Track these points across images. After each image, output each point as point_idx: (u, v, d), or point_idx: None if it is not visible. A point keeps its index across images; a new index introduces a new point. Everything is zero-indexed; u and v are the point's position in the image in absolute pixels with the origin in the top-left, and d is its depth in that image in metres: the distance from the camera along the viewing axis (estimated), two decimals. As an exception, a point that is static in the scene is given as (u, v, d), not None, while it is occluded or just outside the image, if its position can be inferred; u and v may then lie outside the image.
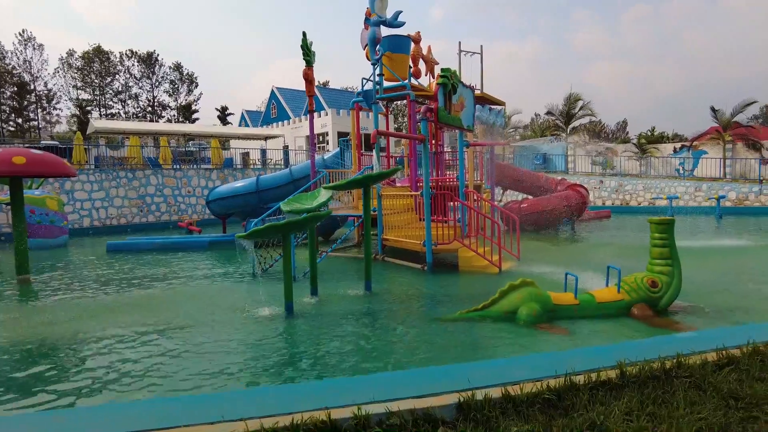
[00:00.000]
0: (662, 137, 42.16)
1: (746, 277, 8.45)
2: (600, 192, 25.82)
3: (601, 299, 6.02)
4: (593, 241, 13.73)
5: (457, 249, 9.24)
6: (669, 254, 6.04)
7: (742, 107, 26.76)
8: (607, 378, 3.08)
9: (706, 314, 5.98)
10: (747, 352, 3.54)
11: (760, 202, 21.58)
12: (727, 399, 2.91)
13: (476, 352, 5.06)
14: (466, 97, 9.96)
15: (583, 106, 33.25)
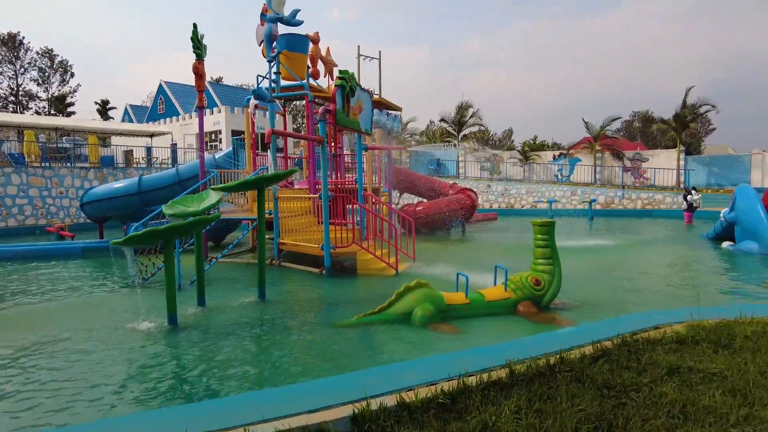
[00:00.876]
0: (543, 145, 45.94)
1: (615, 272, 9.39)
2: (488, 196, 27.42)
3: (490, 298, 6.29)
4: (482, 241, 14.49)
5: (356, 252, 9.20)
6: (550, 254, 6.48)
7: (608, 121, 30.00)
8: (497, 378, 3.17)
9: (583, 309, 6.49)
10: (617, 344, 3.86)
11: (623, 205, 24.29)
12: (601, 389, 3.12)
13: (373, 357, 5.01)
14: (365, 100, 9.98)
15: (473, 114, 35.12)
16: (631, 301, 6.96)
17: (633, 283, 8.39)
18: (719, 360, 3.52)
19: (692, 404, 2.87)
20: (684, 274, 9.32)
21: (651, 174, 28.47)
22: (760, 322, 4.32)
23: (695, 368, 3.37)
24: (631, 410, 2.84)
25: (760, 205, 10.61)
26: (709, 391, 3.03)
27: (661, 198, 23.65)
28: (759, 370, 3.35)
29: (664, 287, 8.02)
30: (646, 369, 3.38)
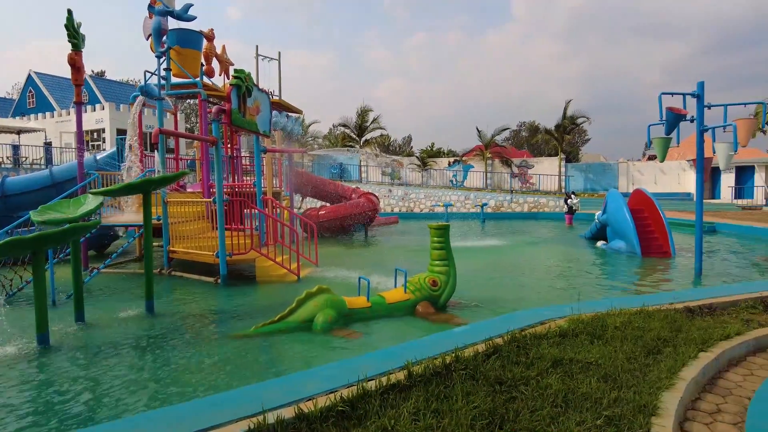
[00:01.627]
0: (439, 152, 47.92)
1: (505, 271, 10.00)
2: (389, 200, 27.99)
3: (390, 300, 6.38)
4: (384, 245, 14.72)
5: (255, 259, 8.87)
6: (446, 256, 6.73)
7: (498, 131, 32.15)
8: (396, 380, 3.19)
9: (477, 307, 6.81)
10: (507, 340, 4.08)
11: (512, 208, 26.06)
12: (494, 384, 3.27)
13: (273, 368, 4.83)
14: (262, 101, 9.68)
15: (374, 119, 35.69)
16: (520, 298, 7.43)
17: (522, 280, 8.99)
18: (594, 350, 3.85)
19: (572, 392, 3.11)
20: (566, 271, 10.17)
21: (536, 180, 30.90)
22: (626, 313, 4.81)
23: (575, 359, 3.65)
24: (520, 403, 3.00)
25: (626, 208, 11.93)
26: (586, 379, 3.30)
27: (545, 202, 25.73)
28: (626, 356, 3.72)
29: (549, 284, 8.69)
30: (534, 363, 3.60)
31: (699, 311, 5.00)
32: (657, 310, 4.90)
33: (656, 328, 4.33)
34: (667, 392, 3.11)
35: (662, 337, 4.13)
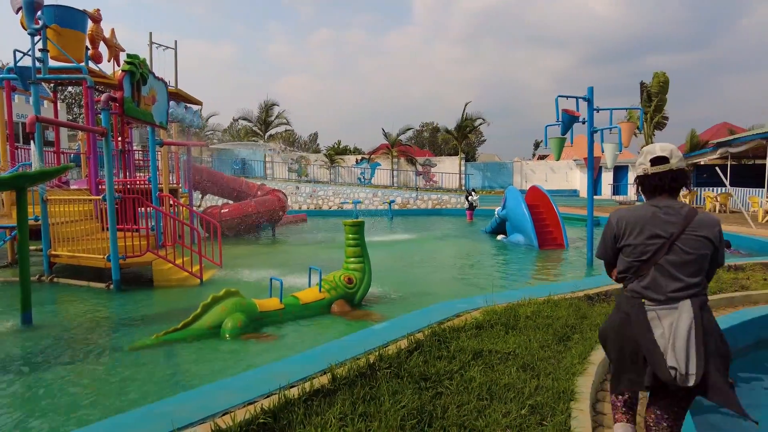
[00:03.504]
0: (347, 150, 47.85)
1: (416, 265, 10.16)
2: (296, 197, 27.41)
3: (305, 300, 6.16)
4: (294, 243, 14.34)
5: (152, 261, 8.14)
6: (360, 252, 6.65)
7: (403, 131, 32.83)
8: (320, 385, 3.02)
9: (393, 302, 6.81)
10: (428, 334, 4.07)
11: (417, 205, 26.73)
12: (419, 381, 3.22)
13: (179, 381, 4.40)
14: (159, 90, 8.91)
15: (279, 114, 34.72)
16: (431, 292, 7.55)
17: (431, 274, 9.19)
18: (510, 340, 3.97)
19: (495, 384, 3.15)
20: (472, 264, 10.56)
21: (439, 178, 32.00)
22: (535, 303, 5.04)
23: (494, 350, 3.73)
24: (447, 398, 2.98)
25: (524, 204, 12.68)
26: (507, 370, 3.37)
27: (448, 198, 26.72)
28: (540, 345, 3.87)
29: (457, 276, 8.96)
30: (455, 356, 3.62)
31: (597, 298, 5.39)
32: (562, 299, 5.20)
33: (564, 316, 4.58)
34: (581, 377, 3.26)
35: (570, 324, 4.37)
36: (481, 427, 2.67)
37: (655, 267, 2.21)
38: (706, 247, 2.17)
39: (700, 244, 2.17)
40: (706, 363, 2.05)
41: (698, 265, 2.18)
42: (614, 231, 2.39)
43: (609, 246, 2.44)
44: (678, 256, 2.17)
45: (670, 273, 2.18)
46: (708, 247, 2.18)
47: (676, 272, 2.17)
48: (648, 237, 2.23)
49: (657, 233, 2.22)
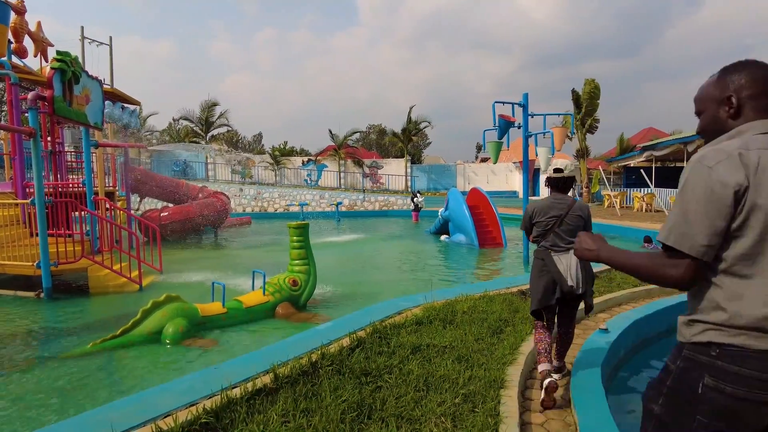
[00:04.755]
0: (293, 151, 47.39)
1: (362, 266, 10.30)
2: (240, 199, 26.89)
3: (248, 304, 6.14)
4: (238, 246, 14.11)
5: (87, 267, 7.82)
6: (305, 254, 6.70)
7: (350, 133, 32.93)
8: (263, 384, 3.09)
9: (339, 303, 6.91)
10: (369, 332, 4.21)
11: (364, 207, 26.90)
12: (360, 376, 3.35)
13: (118, 388, 4.31)
14: (93, 89, 8.57)
15: (221, 114, 33.93)
16: (377, 291, 7.70)
17: (378, 274, 9.36)
18: (448, 334, 4.18)
19: (432, 376, 3.33)
20: (416, 263, 10.82)
21: (385, 180, 32.34)
22: (471, 299, 5.30)
23: (432, 344, 3.92)
24: (386, 391, 3.13)
25: (465, 205, 13.11)
26: (443, 362, 3.56)
27: (394, 200, 27.06)
28: (475, 338, 4.11)
29: (402, 276, 9.17)
30: (395, 351, 3.78)
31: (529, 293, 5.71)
32: (497, 295, 5.49)
33: (498, 310, 4.85)
34: (511, 366, 3.51)
35: (503, 318, 4.64)
36: (418, 417, 2.83)
37: (554, 233, 3.55)
38: (581, 220, 3.55)
39: (577, 220, 3.55)
40: (585, 281, 3.46)
41: (577, 231, 3.46)
42: (529, 213, 3.71)
43: (527, 222, 3.75)
44: (566, 226, 3.53)
45: (561, 236, 3.52)
46: (581, 220, 3.56)
47: (564, 235, 3.52)
48: (549, 216, 3.57)
49: (554, 214, 3.56)
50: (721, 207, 1.26)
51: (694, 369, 1.32)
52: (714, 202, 1.26)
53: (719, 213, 1.26)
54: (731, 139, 1.36)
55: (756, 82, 1.37)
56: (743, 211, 1.25)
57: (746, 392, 1.22)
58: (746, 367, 1.23)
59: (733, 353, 1.25)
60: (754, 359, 1.22)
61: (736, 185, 1.25)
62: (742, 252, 1.27)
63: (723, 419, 1.24)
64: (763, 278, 1.25)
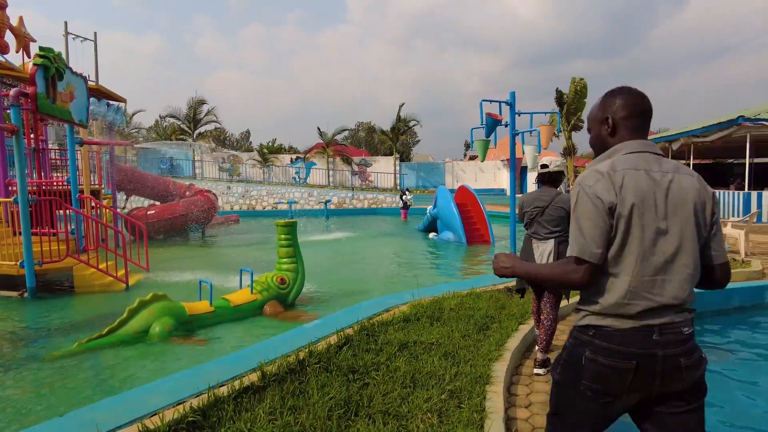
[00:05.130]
0: (281, 148, 47.18)
1: (351, 264, 10.31)
2: (228, 197, 26.74)
3: (236, 302, 6.13)
4: (225, 245, 14.04)
5: (72, 266, 7.74)
6: (293, 253, 6.70)
7: (339, 131, 32.85)
8: (250, 383, 3.10)
9: (327, 301, 6.92)
10: (357, 329, 4.23)
11: (353, 204, 26.90)
12: (347, 374, 3.37)
13: (106, 388, 4.29)
14: (77, 86, 8.47)
15: (208, 111, 33.64)
16: (366, 289, 7.73)
17: (367, 272, 9.38)
18: (435, 331, 4.21)
19: (419, 372, 3.36)
20: (405, 261, 10.87)
21: (374, 177, 32.36)
22: (458, 296, 5.35)
23: (419, 341, 3.95)
24: (373, 388, 3.15)
25: (453, 203, 13.18)
26: (430, 359, 3.59)
27: (383, 198, 27.09)
28: (461, 334, 4.15)
29: (391, 273, 9.21)
30: (383, 348, 3.80)
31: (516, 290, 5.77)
32: (484, 291, 5.54)
33: (484, 307, 4.90)
34: (497, 363, 3.55)
35: (490, 314, 4.69)
36: (404, 413, 2.86)
37: (537, 222, 3.87)
38: (563, 211, 3.79)
39: (559, 211, 3.80)
40: None
41: (557, 222, 3.81)
42: (520, 204, 4.06)
43: (520, 213, 4.06)
44: (547, 217, 3.83)
45: (543, 225, 3.83)
46: (563, 212, 3.79)
47: (546, 224, 3.83)
48: (533, 207, 3.89)
49: (537, 205, 3.87)
50: (603, 218, 1.54)
51: (579, 345, 1.64)
52: (598, 215, 1.54)
53: (603, 223, 1.54)
54: (607, 159, 1.66)
55: (628, 106, 1.67)
56: (614, 221, 1.54)
57: (613, 362, 1.55)
58: (613, 343, 1.56)
59: (603, 333, 1.58)
60: (618, 337, 1.55)
61: (609, 201, 1.53)
62: (611, 255, 1.56)
63: (599, 382, 1.58)
64: (624, 275, 1.55)
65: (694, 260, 1.59)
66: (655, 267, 1.54)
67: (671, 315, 1.56)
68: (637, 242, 1.53)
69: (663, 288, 1.55)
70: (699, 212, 1.58)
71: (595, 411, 1.62)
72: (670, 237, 1.55)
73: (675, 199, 1.56)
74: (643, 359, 1.53)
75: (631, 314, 1.54)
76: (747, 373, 4.30)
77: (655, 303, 1.54)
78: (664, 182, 1.57)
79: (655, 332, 1.53)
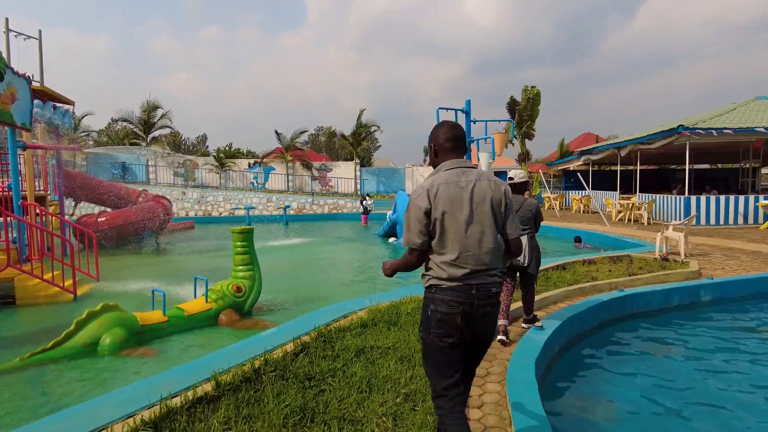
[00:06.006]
0: (238, 153, 46.30)
1: (311, 270, 10.25)
2: (183, 203, 26.06)
3: (190, 312, 6.01)
4: (180, 252, 13.68)
5: (14, 277, 7.37)
6: (250, 260, 6.63)
7: (298, 134, 32.53)
8: (203, 393, 3.06)
9: (285, 308, 6.86)
10: (314, 337, 4.25)
11: (313, 210, 26.73)
12: (303, 381, 3.39)
13: (52, 403, 4.12)
14: (19, 88, 8.09)
15: (163, 115, 32.67)
16: (325, 295, 7.71)
17: (326, 278, 9.36)
18: (391, 335, 4.28)
19: (375, 377, 3.41)
20: (365, 266, 10.90)
21: (335, 182, 32.27)
22: (416, 300, 5.43)
23: (376, 346, 4.01)
24: (329, 394, 3.18)
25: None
26: (386, 363, 3.65)
27: (344, 203, 27.05)
28: (417, 338, 4.22)
29: (351, 279, 9.22)
30: (340, 354, 3.83)
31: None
32: (440, 296, 5.64)
33: (440, 311, 4.99)
34: (450, 364, 3.63)
35: (445, 318, 4.78)
36: (360, 418, 2.91)
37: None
38: (530, 213, 4.70)
39: (527, 213, 4.70)
40: (531, 259, 4.67)
41: (527, 221, 4.69)
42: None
43: None
44: (520, 217, 4.62)
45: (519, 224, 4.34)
46: (530, 213, 4.71)
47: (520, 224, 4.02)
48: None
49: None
50: (421, 219, 2.25)
51: (427, 302, 2.31)
52: (418, 218, 2.26)
53: (421, 222, 2.25)
54: (435, 174, 2.34)
55: (444, 135, 2.37)
56: (431, 221, 2.25)
57: (446, 309, 2.22)
58: (445, 297, 2.23)
59: (440, 290, 2.25)
60: (449, 292, 2.22)
61: (425, 207, 2.24)
62: (437, 242, 2.26)
63: (441, 327, 2.23)
64: (449, 253, 2.23)
65: (495, 239, 2.29)
66: (468, 245, 2.23)
67: (483, 277, 2.26)
68: (452, 231, 2.23)
69: (476, 259, 2.24)
70: (495, 206, 2.29)
71: (445, 353, 2.25)
72: (475, 225, 2.25)
73: (477, 198, 2.26)
74: (466, 307, 2.21)
75: (457, 277, 2.23)
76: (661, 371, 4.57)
77: (471, 269, 2.23)
78: (468, 188, 2.27)
79: (473, 288, 2.23)
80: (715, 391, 4.09)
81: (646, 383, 4.24)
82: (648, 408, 3.79)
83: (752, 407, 3.78)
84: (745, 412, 3.70)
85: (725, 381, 4.27)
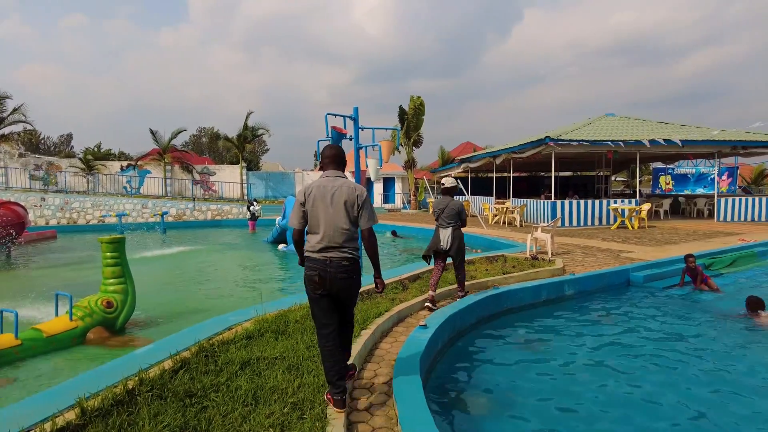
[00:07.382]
0: (109, 154, 42.20)
1: (190, 281, 9.67)
2: (42, 210, 23.22)
3: (50, 332, 5.38)
4: (37, 266, 12.13)
5: None
6: (122, 272, 6.10)
7: (176, 134, 30.46)
8: (65, 422, 2.75)
9: (163, 323, 6.40)
10: (195, 352, 4.02)
11: (195, 216, 25.27)
12: (183, 399, 3.19)
13: None
14: None
15: (15, 109, 28.72)
16: (208, 307, 7.32)
17: (209, 288, 8.90)
18: (279, 345, 4.19)
19: (261, 389, 3.32)
20: (251, 274, 10.55)
21: (219, 187, 30.80)
22: (305, 307, 5.36)
23: (262, 357, 3.90)
24: (212, 411, 3.03)
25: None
26: (273, 374, 3.57)
27: (229, 209, 25.94)
28: (305, 345, 4.19)
29: (236, 289, 8.86)
30: (223, 368, 3.67)
31: (362, 296, 6.01)
32: (329, 302, 5.65)
33: (329, 317, 5.00)
34: (338, 370, 3.65)
35: (333, 324, 4.80)
36: (246, 431, 2.81)
37: (441, 217, 6.00)
38: (455, 210, 5.96)
39: (453, 211, 5.97)
40: (451, 245, 5.95)
41: (453, 217, 5.96)
42: (433, 206, 6.25)
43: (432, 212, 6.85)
44: (447, 214, 5.97)
45: (444, 219, 5.98)
46: (455, 210, 5.97)
47: (446, 219, 5.97)
48: (438, 208, 6.05)
49: (441, 207, 6.03)
50: (299, 209, 3.23)
51: (305, 268, 3.23)
52: (297, 208, 3.24)
53: (299, 211, 3.23)
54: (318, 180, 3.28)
55: (326, 152, 3.40)
56: (305, 211, 3.22)
57: (309, 273, 3.18)
58: (309, 263, 3.20)
59: (309, 260, 3.20)
60: (313, 261, 3.17)
61: (301, 201, 3.23)
62: (310, 224, 3.21)
63: (309, 285, 3.20)
64: (316, 233, 3.19)
65: (348, 226, 3.18)
66: (326, 229, 3.16)
67: (336, 252, 3.16)
68: (319, 217, 3.17)
69: (332, 239, 3.16)
70: (348, 205, 3.17)
71: (316, 301, 3.22)
72: (333, 216, 3.16)
73: (336, 198, 3.18)
74: (322, 272, 3.13)
75: (318, 249, 3.16)
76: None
77: (327, 245, 3.16)
78: (331, 190, 3.20)
79: (328, 260, 3.14)
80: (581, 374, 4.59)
81: (519, 372, 4.63)
82: (521, 394, 4.15)
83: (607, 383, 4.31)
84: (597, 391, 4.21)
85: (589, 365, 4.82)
